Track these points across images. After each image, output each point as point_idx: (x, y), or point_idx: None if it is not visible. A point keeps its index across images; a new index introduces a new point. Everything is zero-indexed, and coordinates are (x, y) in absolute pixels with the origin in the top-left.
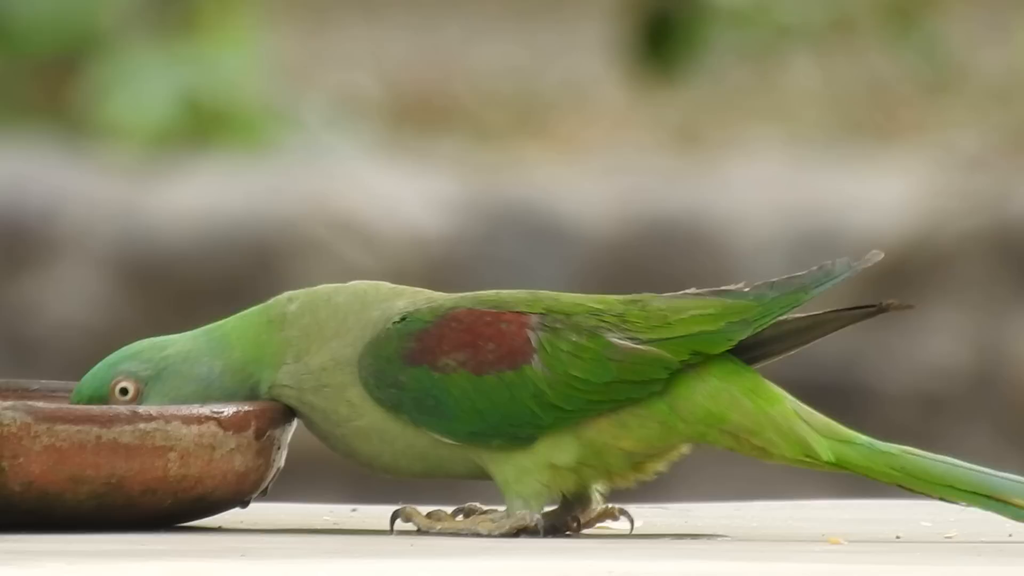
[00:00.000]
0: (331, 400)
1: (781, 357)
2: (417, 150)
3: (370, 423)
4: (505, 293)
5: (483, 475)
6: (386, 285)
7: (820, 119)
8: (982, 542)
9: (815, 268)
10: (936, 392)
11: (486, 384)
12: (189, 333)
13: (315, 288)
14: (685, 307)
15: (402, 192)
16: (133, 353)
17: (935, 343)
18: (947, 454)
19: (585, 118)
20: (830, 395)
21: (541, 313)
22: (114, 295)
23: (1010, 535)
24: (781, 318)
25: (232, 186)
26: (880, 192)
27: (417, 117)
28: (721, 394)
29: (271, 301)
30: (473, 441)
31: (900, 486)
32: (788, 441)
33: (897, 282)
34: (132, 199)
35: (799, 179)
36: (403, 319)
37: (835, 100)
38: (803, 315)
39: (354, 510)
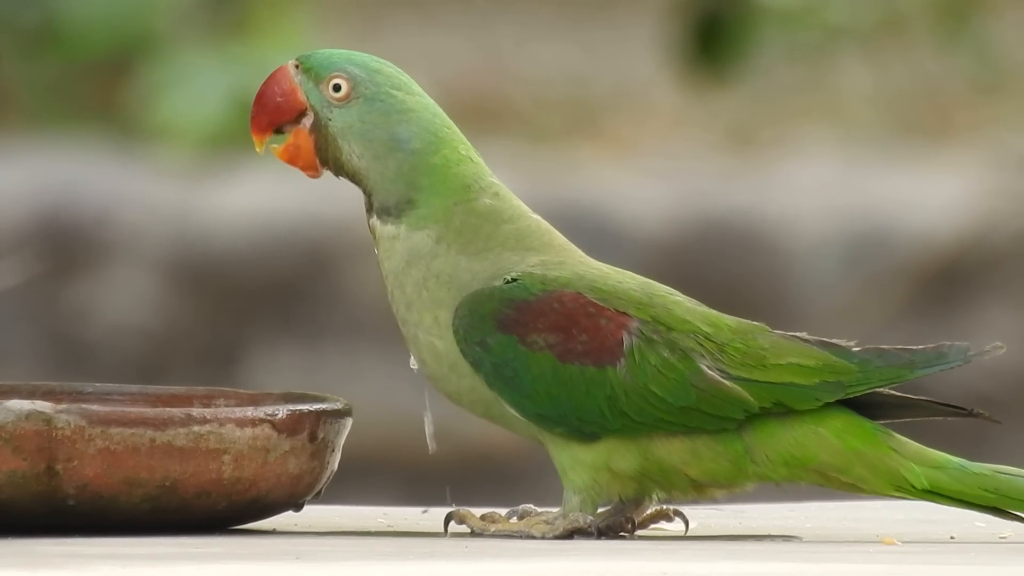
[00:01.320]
0: (422, 302)
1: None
2: None
3: (447, 348)
4: (625, 285)
5: (538, 441)
6: (549, 236)
7: (873, 119)
8: None
9: (930, 347)
10: (989, 392)
11: (566, 372)
12: (427, 99)
13: (512, 202)
14: (787, 351)
15: None
16: (372, 67)
17: (988, 343)
18: (1001, 454)
19: (638, 119)
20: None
21: (644, 320)
22: (168, 298)
23: None
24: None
25: (285, 188)
26: (933, 192)
27: (471, 119)
28: (809, 437)
29: (484, 179)
30: (538, 422)
31: (996, 509)
32: (879, 475)
33: (950, 282)
34: (185, 202)
35: (852, 179)
36: (513, 281)
37: (888, 100)
38: (898, 393)
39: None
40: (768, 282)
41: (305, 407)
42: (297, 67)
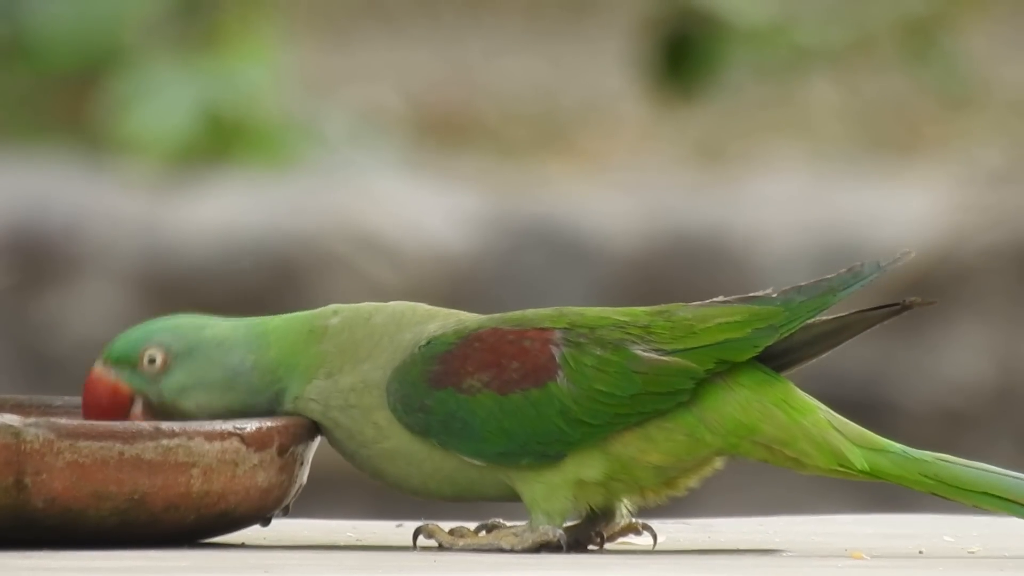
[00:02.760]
0: (357, 421)
1: (811, 362)
2: (440, 166)
3: (396, 446)
4: (531, 312)
5: (513, 496)
6: (423, 307)
7: (842, 135)
8: (1005, 557)
9: (844, 270)
10: (958, 407)
11: (512, 403)
12: (230, 321)
13: (359, 306)
14: (711, 315)
15: (425, 208)
16: (170, 326)
17: (957, 358)
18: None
19: (607, 134)
20: (853, 411)
21: (565, 328)
22: (136, 311)
23: None
24: (808, 322)
25: (254, 201)
26: (902, 207)
27: (440, 133)
28: (752, 404)
29: (317, 311)
30: (502, 461)
31: (934, 494)
32: (822, 451)
33: (919, 296)
34: (154, 215)
35: (821, 194)
36: (428, 343)
37: (857, 116)
38: (830, 318)
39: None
40: None
41: (274, 421)
42: (106, 363)
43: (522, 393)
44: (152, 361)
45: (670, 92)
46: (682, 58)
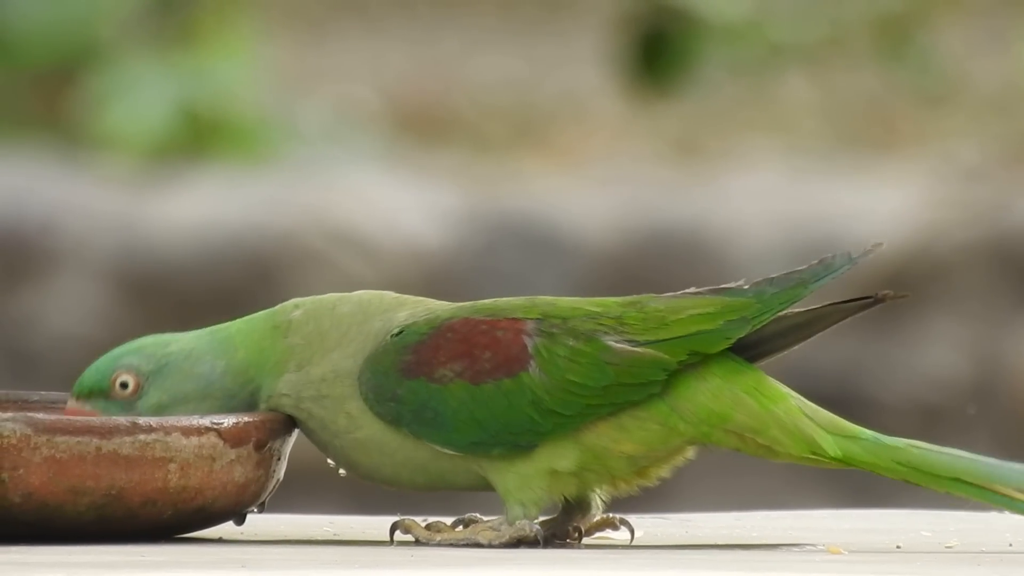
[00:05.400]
0: (330, 411)
1: (783, 353)
2: (416, 162)
3: (368, 435)
4: (503, 301)
5: (485, 486)
6: (390, 295)
7: (818, 130)
8: (982, 552)
9: (815, 262)
10: (935, 403)
11: (484, 393)
12: (193, 332)
13: (321, 297)
14: (683, 307)
15: (401, 204)
16: (136, 348)
17: (934, 354)
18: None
19: (583, 130)
20: (829, 405)
21: (537, 319)
22: (113, 307)
23: (1010, 544)
24: (780, 314)
25: (231, 198)
26: (878, 203)
27: (416, 129)
28: (724, 393)
29: (277, 307)
30: (474, 451)
31: (907, 481)
32: (793, 439)
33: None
34: (131, 211)
35: (797, 190)
36: (400, 332)
37: (832, 112)
38: (802, 310)
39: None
40: None
41: (251, 416)
42: (79, 398)
43: (494, 383)
44: (124, 386)
45: (645, 88)
46: (657, 54)
